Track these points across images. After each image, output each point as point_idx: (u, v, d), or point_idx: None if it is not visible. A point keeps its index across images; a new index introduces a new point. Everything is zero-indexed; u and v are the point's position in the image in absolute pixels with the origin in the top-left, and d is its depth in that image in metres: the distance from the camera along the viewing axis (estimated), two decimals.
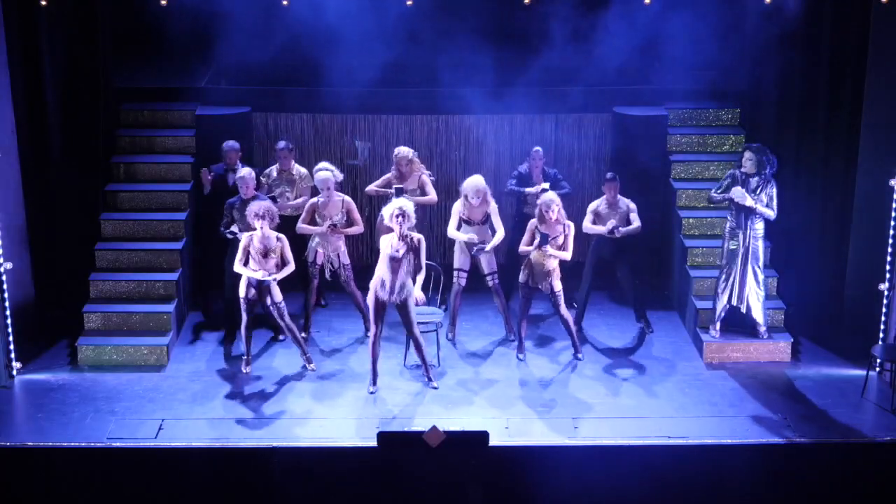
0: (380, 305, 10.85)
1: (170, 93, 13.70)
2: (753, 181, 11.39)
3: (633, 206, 11.88)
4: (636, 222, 11.83)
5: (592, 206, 11.99)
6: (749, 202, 11.30)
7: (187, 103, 13.52)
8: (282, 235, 11.15)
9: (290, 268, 11.20)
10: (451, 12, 13.62)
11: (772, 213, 11.41)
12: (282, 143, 12.45)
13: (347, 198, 11.90)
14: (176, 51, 14.20)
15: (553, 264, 11.35)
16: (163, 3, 12.27)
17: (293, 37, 13.10)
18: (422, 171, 12.37)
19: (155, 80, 14.13)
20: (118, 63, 13.30)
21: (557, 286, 11.42)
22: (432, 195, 12.40)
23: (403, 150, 12.34)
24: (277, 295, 11.23)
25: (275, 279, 11.08)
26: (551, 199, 11.32)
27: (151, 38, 14.38)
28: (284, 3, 12.43)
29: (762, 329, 11.68)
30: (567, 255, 11.36)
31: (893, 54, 11.54)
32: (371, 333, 10.94)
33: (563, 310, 11.53)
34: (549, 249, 11.22)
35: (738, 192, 11.34)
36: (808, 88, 12.41)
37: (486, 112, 13.52)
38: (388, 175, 12.40)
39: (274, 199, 12.08)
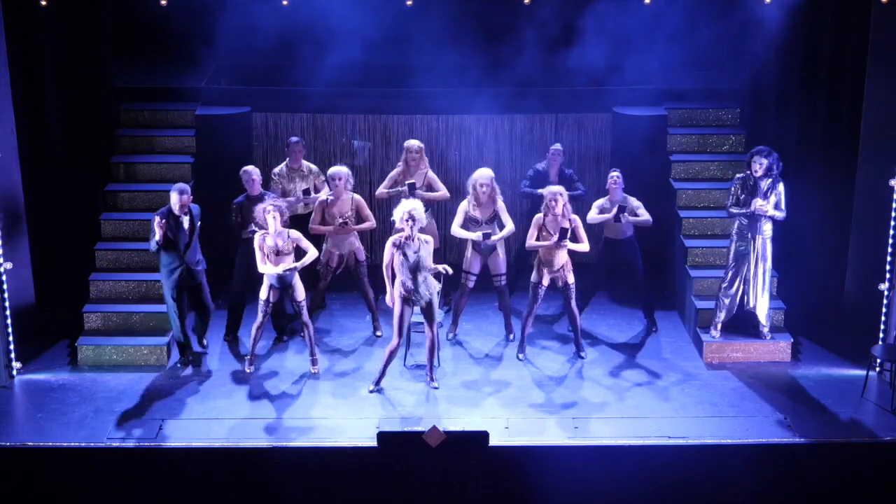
0: (406, 312, 10.83)
1: (170, 93, 13.71)
2: (764, 183, 11.37)
3: (637, 202, 11.88)
4: (645, 215, 11.83)
5: (598, 202, 11.99)
6: (771, 212, 11.31)
7: (187, 103, 13.53)
8: (294, 231, 11.14)
9: (313, 254, 11.18)
10: (450, 12, 13.61)
11: (782, 214, 11.42)
12: (295, 138, 12.46)
13: (357, 195, 11.90)
14: (176, 51, 14.21)
15: (565, 257, 11.37)
16: (163, 3, 12.27)
17: (293, 37, 13.10)
18: (427, 168, 12.38)
19: (155, 80, 14.15)
20: (118, 63, 13.30)
21: (570, 279, 11.45)
22: (443, 191, 12.36)
23: (414, 143, 12.34)
24: (300, 294, 11.21)
25: (296, 268, 11.05)
26: (557, 191, 11.31)
27: (151, 38, 14.40)
28: (284, 2, 12.44)
29: (765, 329, 11.68)
30: (585, 246, 11.38)
31: (893, 54, 11.54)
32: (393, 342, 10.87)
33: (573, 305, 11.54)
34: (568, 244, 11.24)
35: (758, 207, 11.29)
36: (808, 88, 12.42)
37: (487, 112, 13.53)
38: (394, 173, 12.39)
39: (284, 194, 12.12)
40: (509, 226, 11.73)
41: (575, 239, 11.33)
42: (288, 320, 11.92)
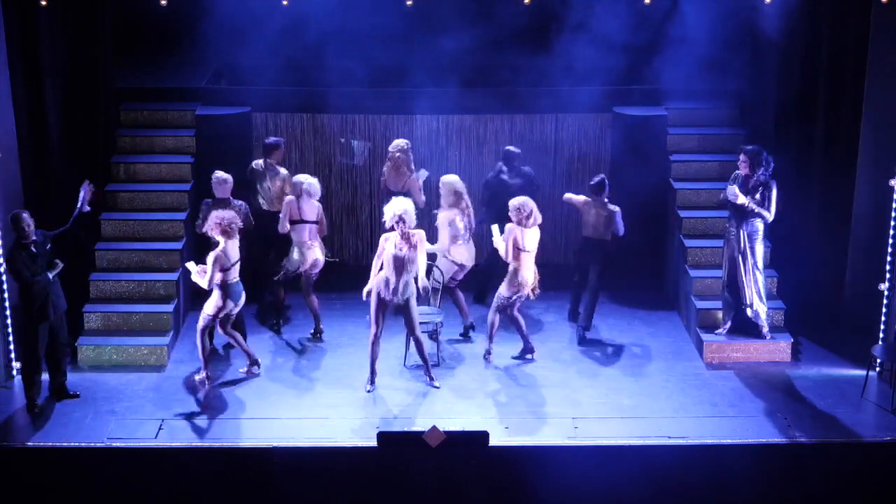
0: (382, 305, 10.86)
1: (170, 93, 13.71)
2: (751, 182, 11.39)
3: (617, 209, 11.89)
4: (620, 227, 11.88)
5: (581, 197, 12.05)
6: (741, 200, 11.31)
7: (187, 103, 13.52)
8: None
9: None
10: (451, 12, 13.61)
11: (768, 215, 11.41)
12: (275, 139, 12.48)
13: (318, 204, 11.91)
14: (176, 51, 14.20)
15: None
16: (163, 3, 12.27)
17: (293, 37, 13.10)
18: (411, 172, 12.38)
19: (155, 80, 14.14)
20: (118, 63, 13.30)
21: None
22: (419, 201, 12.22)
23: (400, 143, 12.45)
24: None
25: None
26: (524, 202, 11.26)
27: (151, 38, 14.40)
28: (284, 2, 12.44)
29: (764, 329, 11.68)
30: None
31: (893, 54, 11.55)
32: (371, 333, 10.95)
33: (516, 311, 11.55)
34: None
35: (730, 191, 11.36)
36: (808, 88, 12.42)
37: (487, 112, 13.53)
38: (386, 170, 12.46)
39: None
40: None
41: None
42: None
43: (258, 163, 12.47)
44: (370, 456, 9.94)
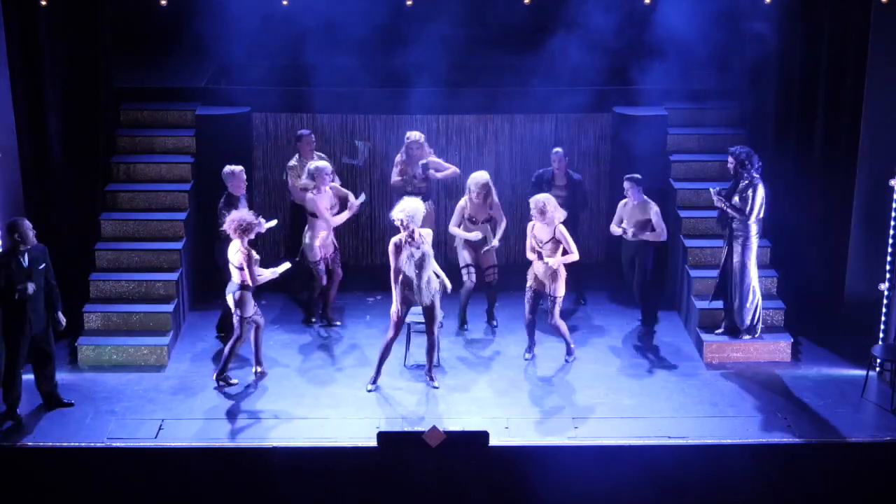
0: (406, 309, 10.85)
1: (170, 93, 13.70)
2: (740, 183, 11.41)
3: (656, 208, 11.92)
4: (657, 230, 11.91)
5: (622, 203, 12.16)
6: (713, 198, 11.39)
7: (187, 103, 13.52)
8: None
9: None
10: (450, 12, 13.61)
11: (740, 215, 11.36)
12: (305, 132, 12.58)
13: (335, 185, 12.07)
14: (176, 51, 14.20)
15: (556, 265, 11.26)
16: (163, 3, 12.27)
17: (293, 37, 13.10)
18: (431, 155, 12.50)
19: (155, 80, 14.14)
20: (118, 63, 13.29)
21: (560, 291, 11.27)
22: (452, 168, 12.57)
23: (414, 135, 12.47)
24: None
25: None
26: (545, 199, 11.25)
27: (151, 38, 14.40)
28: (284, 3, 12.44)
29: (746, 336, 11.66)
30: (574, 256, 11.23)
31: (893, 54, 11.56)
32: (388, 337, 10.92)
33: (557, 317, 11.36)
34: (550, 260, 11.15)
35: (712, 190, 11.43)
36: (808, 88, 12.42)
37: (487, 112, 13.53)
38: (398, 160, 12.50)
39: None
40: (502, 223, 11.83)
41: (564, 250, 11.21)
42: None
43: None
44: (370, 456, 9.94)
